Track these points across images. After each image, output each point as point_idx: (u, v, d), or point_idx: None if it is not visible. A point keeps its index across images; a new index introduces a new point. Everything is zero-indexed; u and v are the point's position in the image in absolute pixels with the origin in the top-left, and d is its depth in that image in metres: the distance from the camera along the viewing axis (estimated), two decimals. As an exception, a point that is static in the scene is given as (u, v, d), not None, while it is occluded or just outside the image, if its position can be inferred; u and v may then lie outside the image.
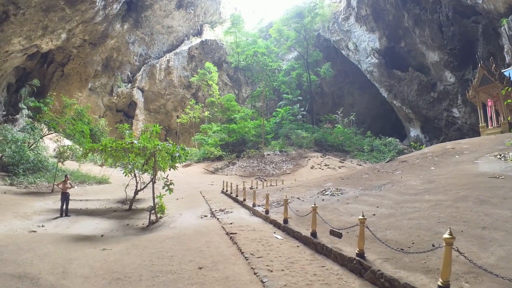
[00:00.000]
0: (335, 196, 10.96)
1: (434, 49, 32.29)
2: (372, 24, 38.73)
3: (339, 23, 44.39)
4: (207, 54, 51.86)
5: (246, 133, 42.12)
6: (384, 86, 40.19)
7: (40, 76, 37.36)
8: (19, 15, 28.06)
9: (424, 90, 35.16)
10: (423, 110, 35.63)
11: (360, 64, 43.08)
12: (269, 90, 45.46)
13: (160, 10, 45.90)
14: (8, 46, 29.60)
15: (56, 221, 12.59)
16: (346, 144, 40.08)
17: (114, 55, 43.46)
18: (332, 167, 33.23)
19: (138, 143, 13.12)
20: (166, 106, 48.87)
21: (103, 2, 34.78)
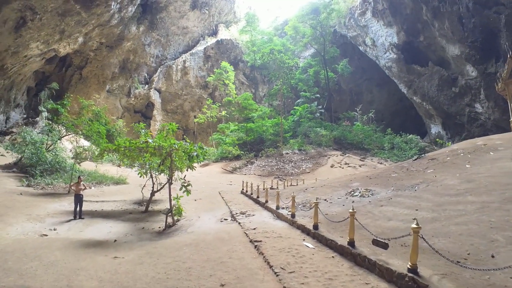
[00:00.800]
0: (366, 198, 9.82)
1: (455, 42, 30.66)
2: (389, 19, 37.17)
3: (356, 19, 42.99)
4: (223, 53, 51.14)
5: (264, 132, 41.25)
6: (403, 82, 38.68)
7: (59, 79, 37.42)
8: (36, 20, 27.97)
9: (445, 85, 33.55)
10: (444, 106, 34.05)
11: (378, 59, 41.63)
12: (286, 88, 44.39)
13: (175, 12, 45.46)
14: (26, 51, 29.62)
15: (70, 224, 11.97)
16: (365, 142, 38.81)
17: (130, 57, 43.27)
18: (352, 166, 32.16)
19: (153, 142, 12.24)
20: (183, 107, 48.40)
21: (118, 5, 34.47)
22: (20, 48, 28.74)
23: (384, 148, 36.98)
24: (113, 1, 33.07)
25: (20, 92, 33.70)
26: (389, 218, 7.23)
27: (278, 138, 39.87)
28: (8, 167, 21.96)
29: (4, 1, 24.29)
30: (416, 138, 36.09)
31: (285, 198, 12.50)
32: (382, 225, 6.83)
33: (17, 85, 33.21)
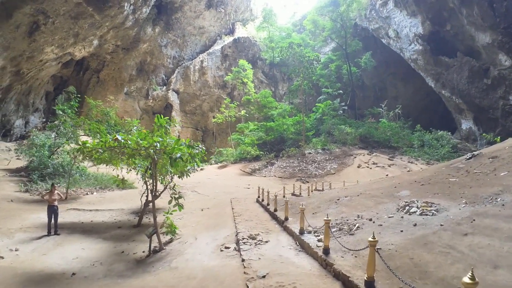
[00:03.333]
0: (431, 217, 6.44)
1: (485, 29, 27.00)
2: (413, 8, 33.50)
3: (377, 10, 39.22)
4: (241, 52, 48.37)
5: (285, 131, 38.11)
6: (431, 75, 34.92)
7: (77, 83, 36.10)
8: (49, 24, 26.42)
9: (476, 76, 29.93)
10: (476, 99, 30.37)
11: (403, 52, 37.91)
12: (307, 84, 41.03)
13: (190, 11, 43.10)
14: (42, 55, 28.20)
15: (40, 241, 9.66)
16: (393, 140, 35.19)
17: (147, 59, 41.34)
18: (381, 166, 28.79)
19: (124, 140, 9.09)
20: (202, 107, 46.10)
21: (131, 6, 32.49)
22: (35, 52, 27.38)
23: (414, 146, 33.50)
24: (126, 2, 31.10)
25: (39, 97, 32.73)
26: (494, 264, 3.94)
27: (299, 137, 36.69)
28: (17, 171, 20.74)
29: (15, 6, 22.80)
30: (447, 135, 32.71)
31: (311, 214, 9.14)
32: (489, 280, 3.57)
33: (35, 89, 32.07)
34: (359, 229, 6.42)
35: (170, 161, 8.76)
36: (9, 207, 13.37)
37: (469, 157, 12.90)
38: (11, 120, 30.24)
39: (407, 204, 7.58)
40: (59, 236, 10.16)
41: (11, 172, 20.44)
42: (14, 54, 25.34)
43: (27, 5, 23.10)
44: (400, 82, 43.78)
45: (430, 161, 29.32)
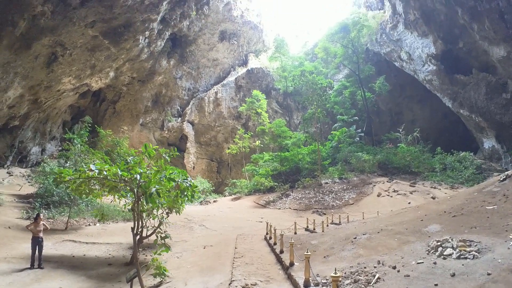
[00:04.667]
0: (471, 260, 4.91)
1: (499, 42, 26.10)
2: (423, 28, 32.97)
3: (387, 33, 38.88)
4: (254, 82, 48.23)
5: (300, 161, 36.74)
6: (447, 94, 33.86)
7: (93, 113, 36.48)
8: (67, 56, 26.87)
9: (494, 92, 28.85)
10: (496, 116, 29.07)
11: (417, 74, 37.03)
12: (321, 112, 39.98)
13: (204, 44, 43.65)
14: (59, 85, 28.58)
15: (19, 274, 8.98)
16: (413, 165, 33.56)
17: (163, 91, 41.66)
18: (402, 193, 27.02)
19: (99, 170, 8.11)
20: (217, 138, 45.53)
21: (146, 39, 33.10)
22: (53, 82, 27.79)
23: (435, 170, 31.84)
24: (141, 35, 31.64)
25: (56, 125, 33.07)
26: None
27: (315, 167, 35.34)
28: (26, 197, 20.66)
29: (34, 38, 23.20)
30: (470, 156, 31.32)
31: (322, 258, 7.57)
32: None
33: (52, 118, 32.40)
34: (379, 282, 4.92)
35: (145, 196, 7.68)
36: (4, 234, 13.00)
37: (503, 178, 11.21)
38: (28, 147, 30.44)
39: (440, 244, 6.01)
40: (41, 270, 9.40)
41: (19, 198, 20.35)
42: (33, 83, 25.70)
43: (46, 37, 23.55)
44: (416, 104, 42.65)
45: (454, 185, 27.77)
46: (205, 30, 41.74)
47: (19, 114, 26.93)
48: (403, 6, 34.22)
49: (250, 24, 48.21)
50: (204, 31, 41.69)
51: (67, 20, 23.94)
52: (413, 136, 37.65)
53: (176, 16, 34.31)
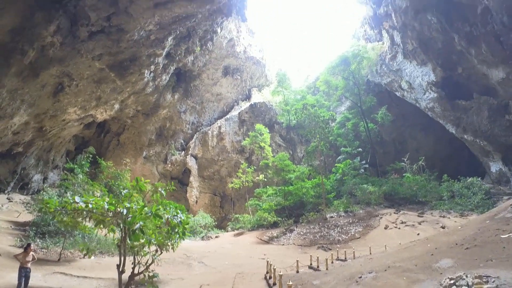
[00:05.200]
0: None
1: (497, 64, 26.61)
2: (422, 57, 33.76)
3: (387, 64, 39.81)
4: (257, 116, 49.07)
5: (304, 195, 36.23)
6: (450, 121, 34.00)
7: (97, 144, 37.00)
8: (73, 86, 27.83)
9: (497, 114, 28.94)
10: (501, 138, 29.00)
11: (418, 102, 37.48)
12: (324, 144, 39.97)
13: (208, 79, 45.05)
14: (64, 115, 29.29)
15: None
16: (420, 194, 32.98)
17: (167, 124, 42.33)
18: (410, 225, 26.33)
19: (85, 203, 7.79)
20: (220, 172, 45.45)
21: (152, 74, 34.04)
22: (58, 112, 28.52)
23: (443, 198, 31.16)
24: (147, 69, 32.58)
25: (59, 155, 33.40)
26: None
27: (320, 200, 34.67)
28: (23, 225, 20.49)
29: (43, 67, 24.26)
30: (478, 181, 30.59)
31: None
32: None
33: (56, 147, 32.78)
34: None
35: (128, 233, 7.20)
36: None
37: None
38: (30, 174, 30.58)
39: (453, 282, 5.26)
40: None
41: (16, 225, 20.17)
42: (38, 111, 26.37)
43: (54, 67, 24.52)
44: (420, 133, 42.71)
45: (464, 212, 27.06)
46: (209, 65, 43.16)
47: (23, 141, 27.49)
48: (401, 36, 35.32)
49: (252, 59, 50.07)
50: (208, 66, 43.10)
51: (75, 52, 24.89)
52: (419, 165, 37.26)
53: (181, 51, 35.49)
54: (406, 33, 33.98)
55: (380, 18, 38.19)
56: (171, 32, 31.44)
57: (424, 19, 30.63)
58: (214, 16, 34.45)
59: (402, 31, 34.47)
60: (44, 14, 20.89)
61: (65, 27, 22.62)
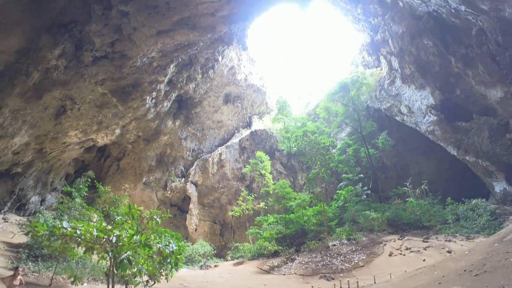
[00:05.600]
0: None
1: (495, 84, 27.05)
2: (420, 81, 34.41)
3: (386, 89, 40.54)
4: (258, 144, 49.36)
5: (306, 222, 35.69)
6: (451, 143, 34.16)
7: (97, 169, 36.97)
8: (75, 110, 28.26)
9: (497, 134, 29.13)
10: (503, 157, 29.01)
11: (418, 126, 37.82)
12: (325, 171, 39.85)
13: (209, 106, 45.85)
14: (65, 138, 29.41)
15: None
16: (424, 219, 32.42)
17: (167, 150, 42.56)
18: (415, 250, 25.76)
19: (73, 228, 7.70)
20: (220, 200, 45.12)
21: (153, 100, 34.65)
22: (59, 134, 28.68)
23: (448, 222, 30.73)
24: (148, 96, 33.17)
25: (58, 177, 33.23)
26: None
27: (322, 228, 34.17)
28: (17, 246, 20.14)
29: (46, 89, 24.75)
30: (482, 202, 30.34)
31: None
32: None
33: (56, 169, 32.64)
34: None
35: (115, 262, 7.01)
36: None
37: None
38: (28, 195, 30.31)
39: None
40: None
41: (9, 246, 19.85)
42: (40, 133, 26.55)
43: (57, 89, 25.00)
44: (421, 156, 42.68)
45: (470, 235, 26.56)
46: (210, 93, 44.07)
47: (22, 162, 27.45)
48: (399, 61, 36.22)
49: (253, 87, 51.15)
50: (209, 93, 44.02)
51: (79, 76, 25.51)
52: (421, 189, 36.98)
53: (183, 78, 36.34)
54: (404, 58, 34.87)
55: (377, 45, 39.37)
56: (173, 60, 32.33)
57: (421, 43, 31.55)
58: (216, 44, 35.63)
59: (400, 56, 35.40)
60: (50, 38, 21.69)
61: (70, 51, 23.37)
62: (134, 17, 24.95)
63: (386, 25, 35.21)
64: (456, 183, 39.64)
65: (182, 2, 25.96)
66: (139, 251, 8.30)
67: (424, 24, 30.08)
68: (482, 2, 22.98)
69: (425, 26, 29.98)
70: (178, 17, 27.47)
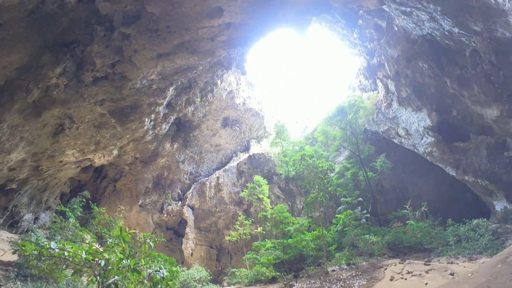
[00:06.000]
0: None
1: (490, 103, 27.35)
2: (416, 103, 34.96)
3: (383, 112, 41.06)
4: (256, 168, 49.28)
5: (304, 248, 35.09)
6: (449, 163, 34.12)
7: (93, 189, 36.80)
8: (73, 129, 28.47)
9: (495, 152, 29.22)
10: (503, 176, 28.90)
11: (416, 148, 38.00)
12: (324, 195, 39.50)
13: (208, 130, 46.21)
14: (62, 157, 29.37)
15: None
16: (425, 241, 31.77)
17: (165, 173, 42.42)
18: (417, 274, 24.61)
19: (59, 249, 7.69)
20: (217, 224, 44.57)
21: (152, 122, 34.99)
22: (56, 153, 28.64)
23: (450, 243, 30.21)
24: (147, 118, 33.55)
25: (53, 196, 32.82)
26: None
27: (321, 253, 33.34)
28: (6, 264, 19.34)
29: (45, 107, 25.01)
30: (484, 222, 29.90)
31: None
32: None
33: (51, 188, 32.32)
34: None
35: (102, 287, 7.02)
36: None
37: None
38: (21, 212, 29.85)
39: None
40: None
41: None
42: (37, 150, 26.50)
43: (56, 108, 25.23)
44: (420, 178, 42.51)
45: (472, 256, 25.90)
46: (208, 116, 44.60)
47: (18, 178, 27.25)
48: (395, 84, 36.91)
49: (252, 111, 51.75)
50: (208, 117, 44.54)
51: (78, 95, 25.94)
52: (421, 211, 36.49)
53: (182, 101, 36.93)
54: (400, 81, 35.58)
55: (374, 68, 40.34)
56: (172, 83, 33.00)
57: (416, 66, 32.26)
58: (215, 68, 36.57)
59: (396, 79, 36.14)
60: (52, 56, 22.27)
61: (71, 70, 23.92)
62: (135, 39, 25.74)
63: (382, 49, 36.17)
64: (456, 203, 39.35)
65: (183, 26, 26.82)
66: (129, 276, 8.07)
67: (419, 47, 30.85)
68: (475, 24, 23.78)
69: (420, 49, 30.73)
70: (179, 40, 28.28)
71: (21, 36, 19.99)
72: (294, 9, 27.53)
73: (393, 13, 30.22)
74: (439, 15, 25.25)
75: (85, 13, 22.82)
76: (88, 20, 23.32)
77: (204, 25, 27.62)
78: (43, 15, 20.27)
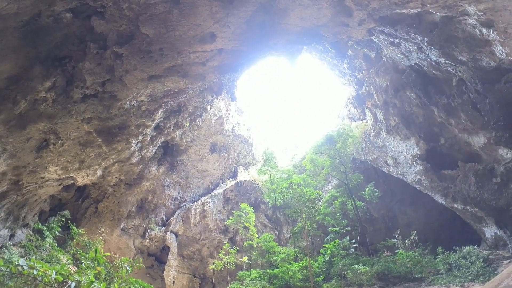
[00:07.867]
0: None
1: (477, 131, 28.16)
2: (404, 132, 35.83)
3: (372, 141, 41.87)
4: (243, 195, 49.09)
5: (291, 278, 34.68)
6: (438, 192, 34.39)
7: (74, 209, 35.79)
8: (58, 145, 28.22)
9: (484, 179, 29.48)
10: (491, 202, 29.11)
11: (405, 176, 38.39)
12: (311, 225, 39.63)
13: (195, 155, 46.14)
14: (44, 173, 28.75)
15: None
16: (415, 271, 31.50)
17: (149, 197, 41.65)
18: None
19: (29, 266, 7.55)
20: (201, 252, 43.68)
21: (139, 144, 34.94)
22: (39, 168, 28.03)
23: (441, 272, 30.15)
24: (134, 139, 33.48)
25: (32, 213, 31.66)
26: None
27: (308, 284, 33.44)
28: None
29: (31, 120, 24.76)
30: (474, 249, 30.10)
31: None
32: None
33: (30, 204, 31.22)
34: None
35: None
36: None
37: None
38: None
39: None
40: None
41: None
42: (19, 163, 25.86)
43: (42, 122, 24.95)
44: (409, 207, 42.89)
45: (464, 284, 26.22)
46: (197, 141, 44.78)
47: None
48: (383, 113, 37.91)
49: (240, 137, 52.09)
50: (196, 142, 44.66)
51: (66, 111, 25.92)
52: (411, 240, 36.35)
53: (170, 125, 37.21)
54: (388, 110, 36.70)
55: (362, 98, 41.60)
56: (162, 105, 33.32)
57: (404, 96, 33.49)
58: (205, 93, 37.33)
59: (384, 108, 37.24)
60: (42, 69, 22.46)
61: (61, 85, 24.03)
62: (128, 59, 26.25)
63: (371, 79, 37.58)
64: (446, 231, 39.48)
65: (175, 49, 27.57)
66: (105, 300, 7.80)
67: (406, 77, 32.11)
68: (461, 54, 24.82)
69: (408, 79, 31.97)
70: (170, 63, 28.91)
71: (14, 46, 20.27)
72: (285, 38, 28.68)
73: (382, 44, 31.51)
74: (426, 46, 26.37)
75: (80, 30, 23.33)
76: (82, 37, 23.76)
77: (197, 50, 28.44)
78: (38, 27, 20.69)
